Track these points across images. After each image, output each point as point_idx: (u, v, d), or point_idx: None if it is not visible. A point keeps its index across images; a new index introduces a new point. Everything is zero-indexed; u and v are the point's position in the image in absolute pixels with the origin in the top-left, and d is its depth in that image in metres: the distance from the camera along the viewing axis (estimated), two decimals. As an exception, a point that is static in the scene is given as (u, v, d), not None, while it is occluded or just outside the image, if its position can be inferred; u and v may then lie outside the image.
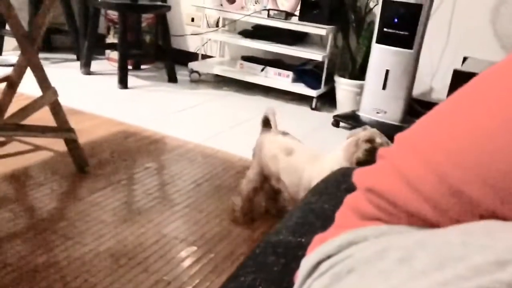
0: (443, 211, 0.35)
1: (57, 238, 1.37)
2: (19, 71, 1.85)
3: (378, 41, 2.48)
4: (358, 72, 2.80)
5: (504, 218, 0.32)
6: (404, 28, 2.39)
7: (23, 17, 3.03)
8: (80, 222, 1.47)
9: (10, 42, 3.29)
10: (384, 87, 2.51)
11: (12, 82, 1.88)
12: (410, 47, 2.40)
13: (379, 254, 0.35)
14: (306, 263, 0.43)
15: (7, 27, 3.13)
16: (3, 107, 1.93)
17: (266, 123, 1.57)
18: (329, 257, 0.40)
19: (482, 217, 0.33)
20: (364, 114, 2.61)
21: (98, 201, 1.60)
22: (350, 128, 2.63)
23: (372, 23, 2.73)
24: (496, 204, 0.32)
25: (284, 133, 1.53)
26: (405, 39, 2.40)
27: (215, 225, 1.54)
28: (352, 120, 2.61)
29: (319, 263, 0.41)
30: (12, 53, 3.27)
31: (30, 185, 1.66)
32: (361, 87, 2.67)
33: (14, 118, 1.62)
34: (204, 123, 2.49)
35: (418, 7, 2.34)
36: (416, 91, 2.85)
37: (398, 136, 0.43)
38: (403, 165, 0.39)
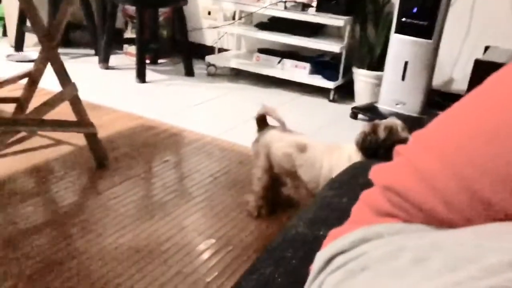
0: (456, 209, 0.35)
1: (78, 231, 1.40)
2: (39, 66, 1.88)
3: (396, 31, 2.45)
4: (377, 63, 2.77)
5: None
6: (424, 17, 2.35)
7: (43, 13, 3.07)
8: (100, 215, 1.49)
9: (31, 38, 3.34)
10: (403, 78, 2.48)
11: (33, 78, 1.91)
12: (430, 37, 2.36)
13: (393, 253, 0.35)
14: (320, 257, 0.43)
15: (28, 23, 3.18)
16: (24, 102, 1.97)
17: (262, 121, 1.56)
18: (343, 252, 0.40)
19: (495, 217, 0.33)
20: (383, 105, 2.58)
21: (118, 194, 1.62)
22: (369, 120, 2.61)
23: (390, 13, 2.69)
24: (509, 203, 0.32)
25: (289, 130, 1.52)
26: (425, 29, 2.36)
27: (233, 218, 1.55)
28: (371, 112, 2.59)
29: (332, 258, 0.41)
30: (32, 49, 3.32)
31: (51, 179, 1.69)
32: (380, 79, 2.64)
33: (35, 113, 1.65)
34: (221, 117, 2.49)
35: (438, -4, 2.29)
36: (436, 82, 2.81)
37: (415, 134, 0.42)
38: (419, 163, 0.38)
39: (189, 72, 3.19)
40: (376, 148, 1.33)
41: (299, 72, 2.99)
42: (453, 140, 0.37)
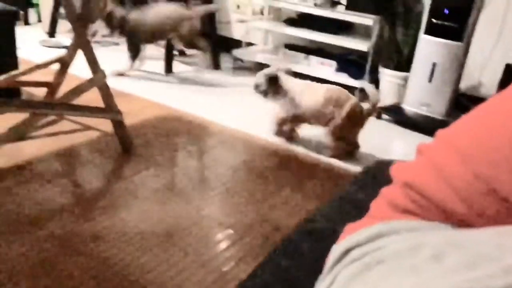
0: (476, 209, 0.35)
1: (101, 214, 1.44)
2: (71, 53, 1.93)
3: (426, 33, 2.42)
4: (404, 64, 2.74)
5: None
6: (455, 19, 2.32)
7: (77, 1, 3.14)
8: (123, 200, 1.53)
9: (64, 25, 3.41)
10: (430, 80, 2.45)
11: (65, 64, 1.96)
12: (460, 40, 2.33)
13: (411, 249, 0.35)
14: (336, 250, 0.44)
15: (62, 10, 3.25)
16: (55, 87, 2.03)
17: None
18: (359, 246, 0.41)
19: None
20: (408, 106, 2.56)
21: (141, 180, 1.66)
22: (393, 121, 2.59)
23: (420, 13, 2.65)
24: None
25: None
26: (455, 31, 2.33)
27: (252, 210, 1.57)
28: (395, 112, 2.57)
29: (348, 250, 0.42)
30: (65, 35, 3.39)
31: (78, 162, 1.74)
32: (406, 79, 2.61)
33: (65, 98, 1.70)
34: (245, 110, 2.51)
35: (471, -2, 2.25)
36: (464, 85, 2.76)
37: (439, 133, 0.43)
38: (441, 161, 0.39)
39: (216, 65, 3.21)
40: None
41: (325, 69, 2.98)
42: (475, 140, 0.37)
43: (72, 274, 1.18)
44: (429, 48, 2.42)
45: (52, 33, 3.43)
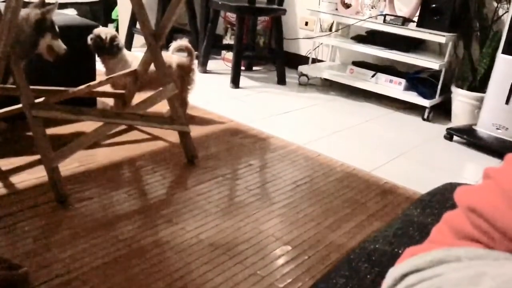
0: None
1: (164, 222, 1.48)
2: (144, 66, 2.03)
3: (504, 52, 2.29)
4: (479, 84, 2.61)
5: None
6: (537, 38, 2.18)
7: (152, 17, 3.30)
8: (185, 210, 1.56)
9: (139, 39, 3.60)
10: (507, 102, 2.31)
11: (138, 76, 2.06)
12: (542, 60, 2.18)
13: (472, 279, 0.33)
14: (393, 273, 0.42)
15: (137, 25, 3.43)
16: (128, 98, 2.13)
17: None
18: (418, 271, 0.39)
19: None
20: (482, 129, 2.43)
21: (203, 192, 1.69)
22: (465, 143, 2.46)
23: (499, 31, 2.53)
24: None
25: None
26: (537, 50, 2.19)
27: (311, 228, 1.55)
28: (468, 134, 2.44)
29: (406, 275, 0.40)
30: (140, 49, 3.57)
31: (145, 170, 1.81)
32: (481, 100, 2.49)
33: (136, 109, 1.78)
34: (308, 126, 2.50)
35: (556, 15, 2.11)
36: (546, 108, 2.58)
37: (509, 156, 0.40)
38: (509, 186, 0.36)
39: (281, 80, 3.24)
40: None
41: (393, 87, 2.91)
42: None
43: (137, 276, 1.22)
44: (507, 68, 2.29)
45: (128, 46, 3.62)
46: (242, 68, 3.33)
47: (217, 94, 2.88)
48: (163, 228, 1.45)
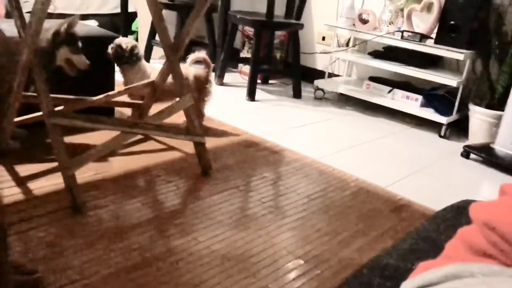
0: None
1: (177, 232, 1.49)
2: (162, 77, 2.05)
3: (523, 70, 2.27)
4: (497, 102, 2.58)
5: None
6: (557, 56, 2.15)
7: (171, 31, 3.35)
8: (198, 220, 1.57)
9: (157, 51, 3.65)
10: (526, 120, 2.28)
11: (155, 87, 2.09)
12: None
13: None
14: (405, 287, 0.42)
15: (157, 38, 3.48)
16: (145, 108, 2.16)
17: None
18: (431, 285, 0.39)
19: None
20: (500, 147, 2.40)
21: (216, 203, 1.70)
22: (482, 161, 2.43)
23: (518, 49, 2.50)
24: None
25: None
26: (557, 69, 2.16)
27: (324, 242, 1.53)
28: (485, 152, 2.41)
29: None
30: (158, 61, 3.62)
31: (159, 180, 1.82)
32: (499, 118, 2.46)
33: (152, 119, 1.80)
34: (323, 140, 2.49)
35: None
36: None
37: None
38: None
39: (297, 94, 3.25)
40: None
41: (410, 103, 2.89)
42: None
43: (149, 285, 1.22)
44: (526, 86, 2.27)
45: (147, 58, 3.67)
46: (259, 81, 3.35)
47: (233, 106, 2.90)
48: (175, 238, 1.45)
